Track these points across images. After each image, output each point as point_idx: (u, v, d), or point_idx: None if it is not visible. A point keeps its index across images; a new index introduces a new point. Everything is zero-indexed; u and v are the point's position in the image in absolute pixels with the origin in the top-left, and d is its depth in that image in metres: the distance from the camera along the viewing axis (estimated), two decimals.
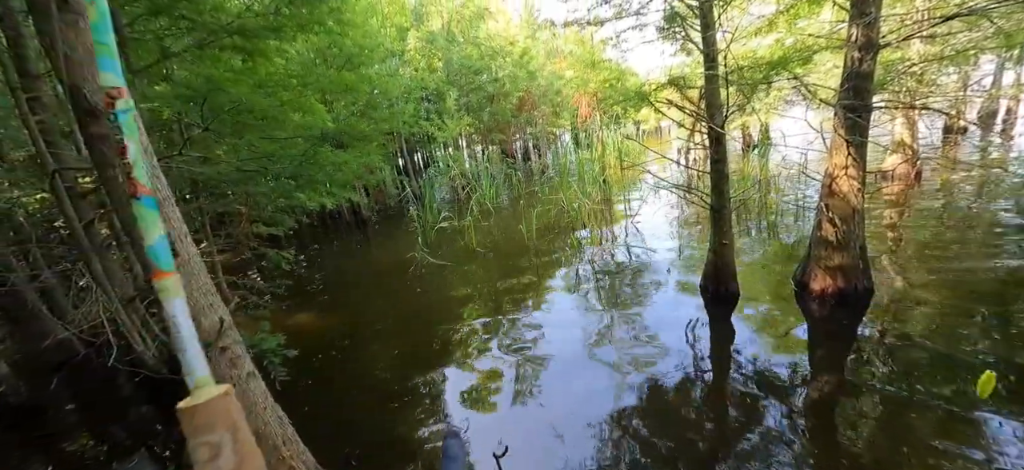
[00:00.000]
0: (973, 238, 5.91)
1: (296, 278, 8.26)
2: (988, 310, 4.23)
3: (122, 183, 1.89)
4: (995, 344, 3.76)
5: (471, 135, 16.85)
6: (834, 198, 4.49)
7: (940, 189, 8.23)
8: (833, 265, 4.68)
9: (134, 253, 3.76)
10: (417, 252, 8.34)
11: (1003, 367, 3.45)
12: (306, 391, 4.62)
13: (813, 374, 3.86)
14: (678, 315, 5.05)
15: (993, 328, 3.98)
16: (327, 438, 3.85)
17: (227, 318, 2.39)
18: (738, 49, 4.35)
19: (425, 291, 6.98)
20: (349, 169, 5.48)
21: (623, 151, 11.84)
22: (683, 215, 9.04)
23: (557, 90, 18.38)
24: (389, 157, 16.02)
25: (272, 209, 6.96)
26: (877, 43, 3.85)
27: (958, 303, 4.46)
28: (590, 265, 6.94)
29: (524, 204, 11.92)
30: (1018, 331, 3.87)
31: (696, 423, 3.43)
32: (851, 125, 4.11)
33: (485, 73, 15.38)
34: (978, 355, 3.64)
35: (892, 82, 5.24)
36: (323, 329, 6.05)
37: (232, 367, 2.40)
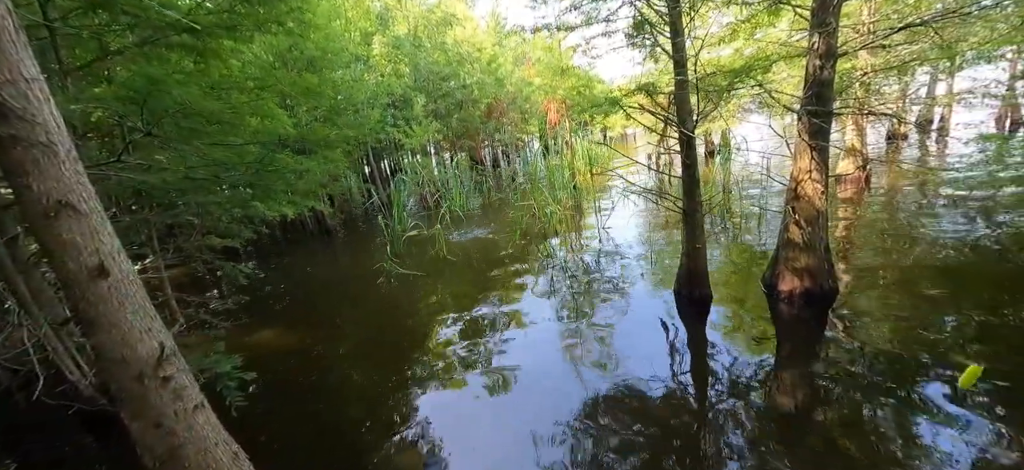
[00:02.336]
0: (920, 236, 6.26)
1: (255, 292, 7.78)
2: (938, 306, 4.48)
3: (36, 193, 1.63)
4: (945, 338, 3.97)
5: (440, 142, 16.60)
6: (800, 201, 4.62)
7: (888, 191, 8.73)
8: (800, 266, 4.81)
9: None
10: (386, 262, 8.05)
11: (954, 359, 3.64)
12: (266, 417, 4.29)
13: (785, 373, 3.94)
14: (653, 320, 5.06)
15: (943, 324, 4.20)
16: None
17: (169, 343, 2.13)
18: (704, 57, 4.43)
19: (395, 303, 6.71)
20: (312, 177, 5.18)
21: (593, 157, 11.96)
22: (653, 219, 9.17)
23: (526, 97, 18.43)
24: (354, 164, 15.55)
25: (227, 220, 6.52)
26: (836, 51, 4.00)
27: (912, 299, 4.69)
28: (563, 271, 6.89)
29: (498, 211, 11.80)
30: (966, 324, 4.09)
31: (674, 427, 3.41)
32: (815, 130, 4.25)
33: (453, 79, 15.22)
34: (932, 349, 3.83)
35: (845, 90, 5.51)
36: (285, 347, 5.68)
37: (176, 400, 2.14)
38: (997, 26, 5.94)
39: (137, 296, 1.99)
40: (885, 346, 3.98)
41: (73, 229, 1.73)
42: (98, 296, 1.83)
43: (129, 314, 1.93)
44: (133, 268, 2.00)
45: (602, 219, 9.35)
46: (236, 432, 3.92)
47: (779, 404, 3.54)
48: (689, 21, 4.30)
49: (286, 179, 4.65)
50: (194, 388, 2.29)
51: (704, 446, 3.18)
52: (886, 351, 3.91)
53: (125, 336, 1.92)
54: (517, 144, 23.30)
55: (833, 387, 3.60)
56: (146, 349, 1.99)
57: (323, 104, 9.95)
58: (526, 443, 3.41)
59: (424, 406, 4.09)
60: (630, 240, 8.06)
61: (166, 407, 2.10)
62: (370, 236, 11.77)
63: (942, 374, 3.53)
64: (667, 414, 3.57)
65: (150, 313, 2.06)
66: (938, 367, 3.62)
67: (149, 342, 2.01)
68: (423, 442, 3.63)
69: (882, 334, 4.17)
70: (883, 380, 3.57)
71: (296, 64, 9.53)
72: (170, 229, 8.31)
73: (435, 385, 4.41)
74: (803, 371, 3.93)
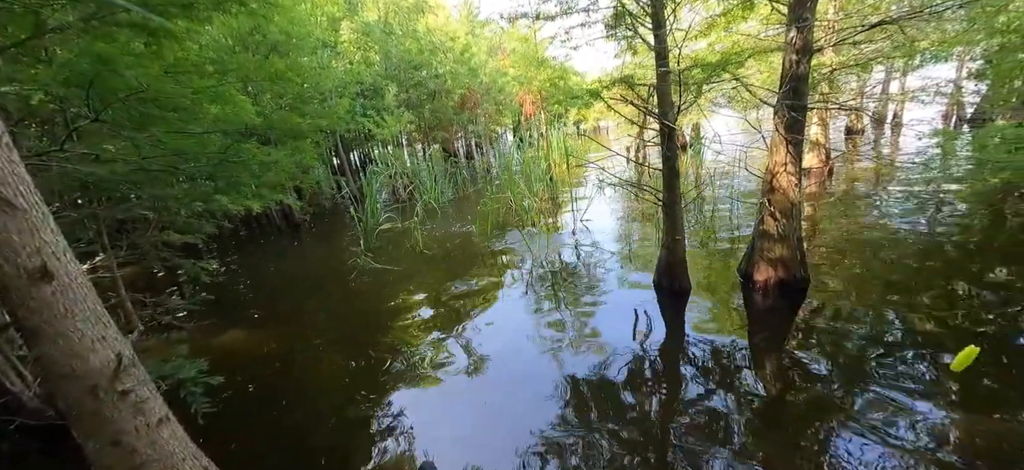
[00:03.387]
0: (879, 226, 6.58)
1: (219, 291, 7.36)
2: (898, 293, 4.71)
3: None
4: (906, 323, 4.18)
5: (412, 133, 16.19)
6: (775, 193, 4.72)
7: (849, 183, 9.14)
8: (774, 257, 4.93)
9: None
10: (359, 257, 7.78)
11: (915, 341, 3.87)
12: (235, 423, 4.05)
13: (761, 360, 4.06)
14: (632, 312, 5.09)
15: (904, 307, 4.43)
16: None
17: (127, 352, 1.92)
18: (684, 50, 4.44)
19: (369, 299, 6.49)
20: (280, 169, 4.88)
21: (569, 149, 11.96)
22: (631, 212, 9.26)
23: (500, 88, 18.23)
24: (323, 155, 14.97)
25: (186, 214, 6.10)
26: (812, 47, 4.08)
27: (875, 287, 4.91)
28: (542, 265, 6.85)
29: (473, 203, 11.64)
30: (922, 307, 4.34)
31: (653, 416, 3.45)
32: (790, 124, 4.34)
33: (425, 68, 14.84)
34: (895, 334, 4.05)
35: (815, 86, 5.69)
36: (254, 348, 5.39)
37: (137, 414, 1.94)
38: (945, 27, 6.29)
39: (88, 301, 1.78)
40: (852, 332, 4.16)
41: (8, 226, 1.51)
42: (41, 302, 1.62)
43: (79, 322, 1.72)
44: (82, 269, 1.78)
45: (579, 211, 9.37)
46: (204, 441, 3.68)
47: (756, 390, 3.64)
48: (672, 12, 4.29)
49: (252, 171, 4.36)
50: (157, 400, 2.09)
51: (683, 433, 3.23)
52: (854, 336, 4.09)
53: (75, 347, 1.71)
54: (491, 136, 23.09)
55: (806, 373, 3.74)
56: (100, 360, 1.79)
57: (289, 91, 9.49)
58: (506, 438, 3.38)
59: (402, 406, 3.96)
60: (608, 232, 8.11)
61: (125, 423, 1.90)
62: (341, 230, 11.38)
63: (904, 356, 3.71)
64: (647, 404, 3.61)
65: (103, 319, 1.85)
66: (901, 350, 3.81)
67: (103, 352, 1.80)
68: (402, 444, 3.51)
69: (849, 321, 4.35)
70: (852, 364, 3.73)
71: (259, 49, 9.01)
72: (122, 225, 7.74)
73: (413, 384, 4.28)
74: (778, 357, 4.05)
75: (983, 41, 4.94)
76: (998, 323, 3.96)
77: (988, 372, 3.40)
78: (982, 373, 3.38)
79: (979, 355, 1.27)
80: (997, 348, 3.65)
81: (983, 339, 3.77)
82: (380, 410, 3.95)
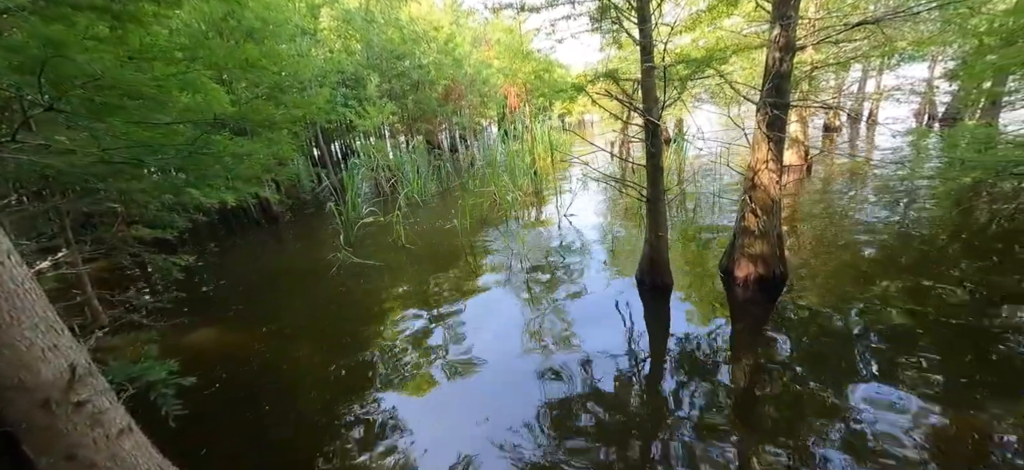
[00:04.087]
0: (855, 221, 6.73)
1: (192, 287, 7.11)
2: (872, 286, 4.83)
3: None
4: (879, 313, 4.32)
5: (395, 125, 15.89)
6: (756, 190, 4.77)
7: (825, 180, 9.34)
8: (755, 253, 4.99)
9: None
10: (340, 252, 7.61)
11: (888, 333, 3.97)
12: (209, 425, 3.91)
13: (740, 354, 4.11)
14: (615, 307, 5.09)
15: (877, 299, 4.56)
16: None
17: (82, 360, 1.80)
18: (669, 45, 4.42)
19: (350, 295, 6.36)
20: (256, 161, 4.69)
21: (554, 143, 11.90)
22: (614, 207, 9.28)
23: (484, 79, 17.99)
24: (303, 147, 14.58)
25: (157, 207, 5.84)
26: (795, 45, 4.11)
27: (850, 281, 5.02)
28: (525, 260, 6.81)
29: (454, 196, 11.52)
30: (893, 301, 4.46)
31: (635, 409, 3.47)
32: (772, 121, 4.37)
33: (408, 58, 14.53)
34: (868, 326, 4.14)
35: (797, 85, 5.76)
36: (229, 347, 5.21)
37: (95, 426, 1.82)
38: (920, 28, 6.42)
39: (37, 307, 1.65)
40: (827, 325, 4.25)
41: None
42: None
43: (26, 330, 1.59)
44: (28, 273, 1.65)
45: (563, 206, 9.35)
46: (174, 446, 3.55)
47: (735, 382, 3.71)
48: (656, 7, 4.25)
49: (225, 163, 4.17)
50: (117, 409, 1.97)
51: (664, 425, 3.26)
52: (828, 329, 4.19)
53: (23, 357, 1.59)
54: (475, 128, 22.83)
55: (783, 364, 3.81)
56: (52, 371, 1.67)
57: (265, 80, 9.16)
58: (486, 434, 3.37)
59: (382, 406, 3.89)
60: (591, 227, 8.11)
61: (81, 436, 1.78)
62: (321, 223, 11.12)
63: (877, 348, 3.82)
64: (628, 398, 3.63)
65: (55, 326, 1.72)
66: (872, 343, 3.91)
67: (55, 362, 1.68)
68: (382, 446, 3.44)
69: (825, 315, 4.44)
70: (826, 355, 3.83)
71: (233, 35, 8.67)
72: (89, 218, 7.40)
73: (394, 384, 4.20)
74: (756, 350, 4.11)
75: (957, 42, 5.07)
76: (965, 316, 4.10)
77: (957, 364, 3.51)
78: (953, 365, 3.49)
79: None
80: (965, 340, 3.77)
81: (951, 331, 3.91)
82: (360, 411, 3.86)
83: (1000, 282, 4.56)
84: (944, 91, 10.65)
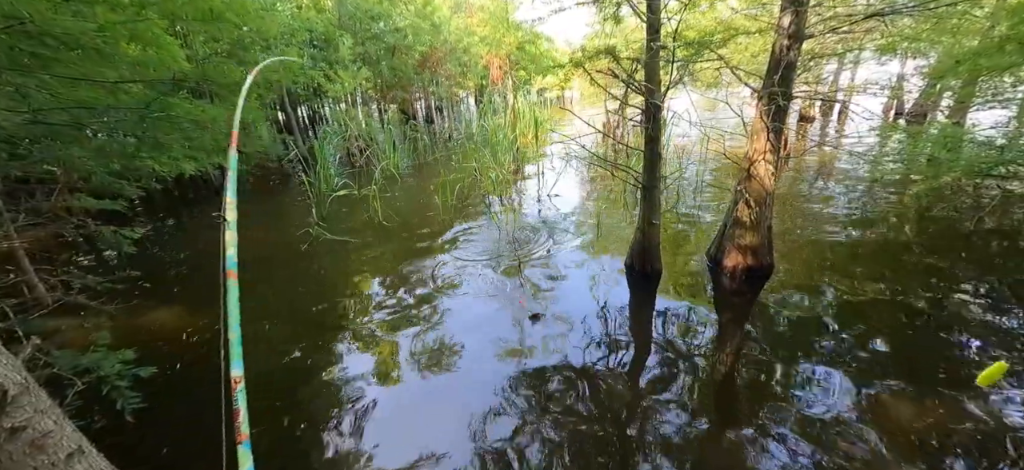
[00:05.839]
0: (833, 212, 6.89)
1: (149, 263, 6.51)
2: (851, 278, 4.95)
3: None
4: (852, 305, 4.46)
5: (368, 91, 15.02)
6: (751, 181, 4.71)
7: (803, 169, 9.54)
8: (745, 244, 4.98)
9: None
10: (312, 227, 7.14)
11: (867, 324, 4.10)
12: (167, 419, 3.57)
13: (726, 344, 4.13)
14: (601, 294, 5.00)
15: (855, 291, 4.68)
16: None
17: (17, 378, 1.47)
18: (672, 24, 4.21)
19: (324, 274, 5.98)
20: (218, 129, 4.19)
21: (538, 119, 11.58)
22: (599, 187, 9.15)
23: (465, 48, 17.22)
24: (266, 110, 13.60)
25: (103, 173, 5.20)
26: (804, 33, 3.98)
27: (825, 270, 5.15)
28: (507, 241, 6.60)
29: (433, 171, 11.08)
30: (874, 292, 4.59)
31: (619, 395, 3.43)
32: (774, 111, 4.27)
33: (383, 20, 13.66)
34: (842, 315, 4.29)
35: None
36: (189, 331, 4.78)
37: (37, 453, 1.51)
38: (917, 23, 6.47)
39: None
40: (809, 316, 4.35)
41: None
42: None
43: None
44: None
45: (546, 185, 9.15)
46: (135, 448, 3.21)
47: (718, 369, 3.76)
48: None
49: (184, 130, 3.69)
50: (65, 429, 1.66)
51: (645, 412, 3.25)
52: (810, 319, 4.29)
53: None
54: (454, 99, 22.02)
55: (766, 354, 3.84)
56: None
57: (226, 35, 8.34)
58: (465, 422, 3.27)
59: (357, 397, 3.66)
60: (576, 208, 7.97)
61: (21, 467, 1.47)
62: (288, 195, 10.47)
63: (855, 338, 3.94)
64: (612, 384, 3.58)
65: None
66: (846, 332, 4.03)
67: None
68: (351, 440, 3.23)
69: (807, 305, 4.54)
70: (805, 344, 3.93)
71: None
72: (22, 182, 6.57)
73: (371, 368, 3.98)
74: (741, 341, 4.14)
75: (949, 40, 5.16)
76: (938, 306, 4.27)
77: (929, 355, 3.65)
78: (925, 357, 3.63)
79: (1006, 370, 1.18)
80: (935, 331, 3.93)
81: (920, 319, 4.12)
82: (331, 395, 3.63)
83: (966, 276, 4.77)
84: (912, 87, 11.01)
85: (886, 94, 10.49)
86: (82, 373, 3.41)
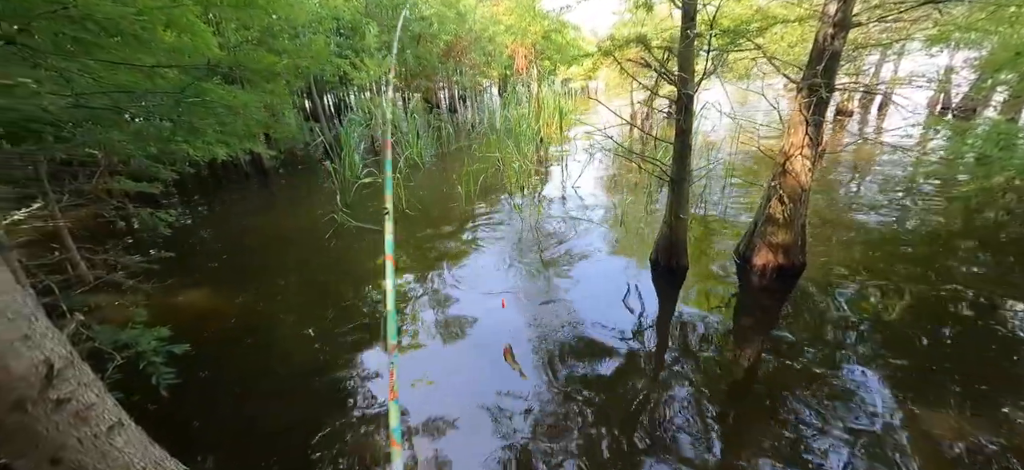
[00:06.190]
0: (871, 210, 6.57)
1: (182, 245, 6.74)
2: (888, 279, 4.72)
3: None
4: (890, 307, 4.24)
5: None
6: (786, 177, 4.52)
7: (840, 165, 9.12)
8: (776, 242, 4.80)
9: None
10: (337, 214, 7.25)
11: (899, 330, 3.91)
12: (200, 397, 3.69)
13: (751, 344, 4.00)
14: (625, 288, 4.91)
15: (892, 293, 4.47)
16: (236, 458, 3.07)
17: (62, 352, 1.52)
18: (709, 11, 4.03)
19: (347, 261, 6.07)
20: (249, 114, 4.27)
21: (563, 109, 11.38)
22: (624, 180, 8.98)
23: (490, 37, 17.07)
24: (294, 98, 13.83)
25: (141, 156, 5.38)
26: (850, 21, 3.76)
27: (860, 269, 4.93)
28: (530, 232, 6.55)
29: (456, 160, 11.09)
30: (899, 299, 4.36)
31: (643, 394, 3.35)
32: (814, 104, 4.07)
33: (409, 9, 13.64)
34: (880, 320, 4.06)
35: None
36: (219, 311, 4.94)
37: (81, 424, 1.57)
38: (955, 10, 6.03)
39: (3, 293, 1.35)
40: (840, 317, 4.16)
41: None
42: None
43: None
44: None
45: (570, 176, 9.03)
46: (168, 420, 3.33)
47: (742, 369, 3.64)
48: None
49: (218, 115, 3.77)
50: (106, 402, 1.72)
51: (666, 414, 3.17)
52: (841, 321, 4.10)
53: None
54: (477, 88, 21.92)
55: (796, 356, 3.69)
56: (24, 366, 1.39)
57: (256, 23, 8.48)
58: (487, 410, 3.28)
59: (378, 384, 3.71)
60: (600, 201, 7.85)
61: (65, 437, 1.53)
62: (314, 181, 10.66)
63: (885, 344, 3.73)
64: (634, 381, 3.51)
65: (26, 312, 1.43)
66: (882, 336, 3.83)
67: (28, 355, 1.40)
68: (371, 426, 3.28)
69: (838, 306, 4.33)
70: (837, 348, 3.75)
71: None
72: (66, 165, 6.87)
73: (398, 356, 4.01)
74: (766, 339, 4.01)
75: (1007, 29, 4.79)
76: (977, 314, 4.02)
77: (974, 365, 3.44)
78: (970, 367, 3.42)
79: None
80: (973, 340, 3.69)
81: (959, 326, 3.90)
82: (355, 390, 3.67)
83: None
84: (961, 80, 10.36)
85: (932, 87, 9.89)
86: (121, 348, 3.56)
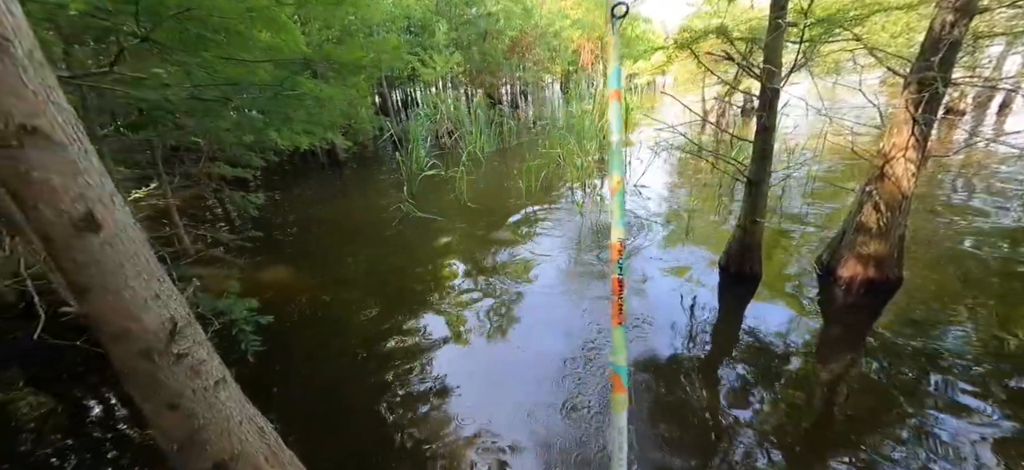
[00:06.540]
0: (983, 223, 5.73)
1: (265, 227, 7.40)
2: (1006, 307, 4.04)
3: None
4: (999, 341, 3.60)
5: (457, 76, 15.50)
6: (884, 181, 4.07)
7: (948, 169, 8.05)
8: (868, 252, 4.34)
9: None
10: (403, 204, 7.59)
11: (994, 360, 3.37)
12: (279, 365, 4.03)
13: (832, 364, 3.61)
14: (690, 294, 4.67)
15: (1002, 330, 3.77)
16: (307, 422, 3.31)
17: (183, 312, 1.72)
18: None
19: (411, 249, 6.33)
20: (334, 107, 4.60)
21: (631, 105, 11.05)
22: (690, 180, 8.57)
23: (555, 32, 16.97)
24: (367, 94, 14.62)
25: (237, 144, 5.98)
26: (975, 6, 3.29)
27: (977, 296, 4.26)
28: (592, 231, 6.44)
29: (518, 155, 11.17)
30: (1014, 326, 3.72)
31: (702, 413, 3.15)
32: (925, 100, 3.62)
33: (476, 6, 13.92)
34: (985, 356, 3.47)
35: None
36: (298, 286, 5.36)
37: (194, 377, 1.77)
38: None
39: (140, 255, 1.56)
40: (942, 347, 3.62)
41: (46, 165, 1.26)
42: (89, 256, 1.40)
43: (131, 279, 1.51)
44: (130, 219, 1.54)
45: (634, 175, 8.77)
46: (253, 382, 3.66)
47: (816, 395, 3.28)
48: None
49: (307, 107, 4.08)
50: (214, 360, 1.92)
51: (731, 436, 2.93)
52: (942, 351, 3.57)
53: (127, 306, 1.51)
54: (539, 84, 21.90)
55: (883, 383, 3.29)
56: (153, 320, 1.59)
57: (338, 22, 9.06)
58: (547, 404, 3.26)
59: (444, 363, 3.87)
60: (664, 200, 7.55)
61: (182, 387, 1.73)
62: (381, 172, 11.22)
63: (992, 379, 3.20)
64: (697, 395, 3.30)
65: (157, 275, 1.63)
66: (988, 366, 3.31)
67: (157, 312, 1.60)
68: (435, 406, 3.39)
69: (940, 333, 3.80)
70: (938, 380, 3.27)
71: None
72: (174, 151, 7.78)
73: (455, 342, 4.15)
74: (852, 363, 3.60)
75: None
76: None
77: None
78: None
79: None
80: None
81: None
82: (417, 374, 3.81)
83: None
84: None
85: None
86: (218, 315, 3.98)
